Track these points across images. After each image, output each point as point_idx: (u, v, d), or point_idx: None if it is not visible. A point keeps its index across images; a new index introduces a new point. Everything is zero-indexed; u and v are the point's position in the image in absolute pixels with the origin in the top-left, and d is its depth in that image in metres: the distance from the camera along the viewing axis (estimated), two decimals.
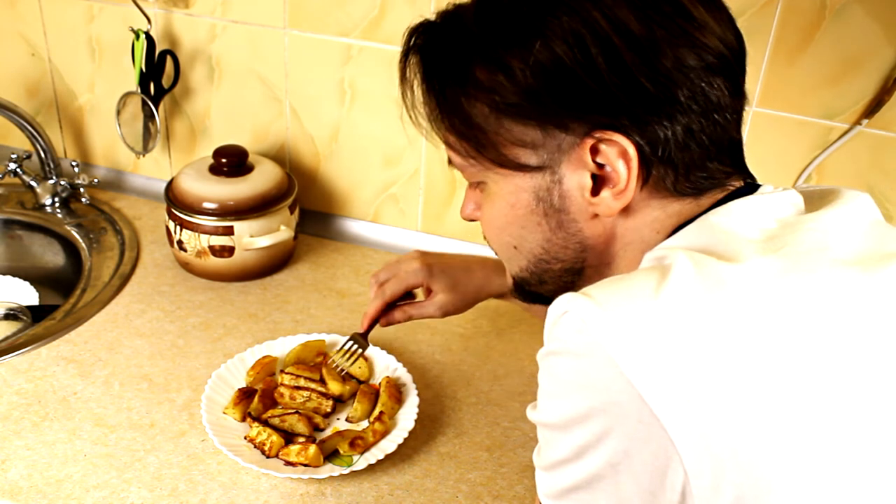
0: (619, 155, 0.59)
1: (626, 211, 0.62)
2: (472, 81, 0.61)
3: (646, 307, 0.52)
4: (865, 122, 1.04)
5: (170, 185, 1.24)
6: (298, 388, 0.99)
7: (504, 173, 0.64)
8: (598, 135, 0.59)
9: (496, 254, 0.73)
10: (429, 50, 0.65)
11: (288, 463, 0.90)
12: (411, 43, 0.66)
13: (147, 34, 1.25)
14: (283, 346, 1.07)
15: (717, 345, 0.51)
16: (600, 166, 0.61)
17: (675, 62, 0.57)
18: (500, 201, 0.66)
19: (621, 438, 0.52)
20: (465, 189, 0.75)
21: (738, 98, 0.62)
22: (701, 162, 0.61)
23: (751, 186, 0.64)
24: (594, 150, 0.60)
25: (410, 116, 0.68)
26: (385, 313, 0.99)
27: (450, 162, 0.69)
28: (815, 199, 0.64)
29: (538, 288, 0.71)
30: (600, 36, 0.57)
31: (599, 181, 0.61)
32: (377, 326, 1.00)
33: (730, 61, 0.60)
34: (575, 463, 0.55)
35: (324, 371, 1.01)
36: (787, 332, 0.52)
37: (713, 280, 0.53)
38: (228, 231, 1.19)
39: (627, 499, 0.54)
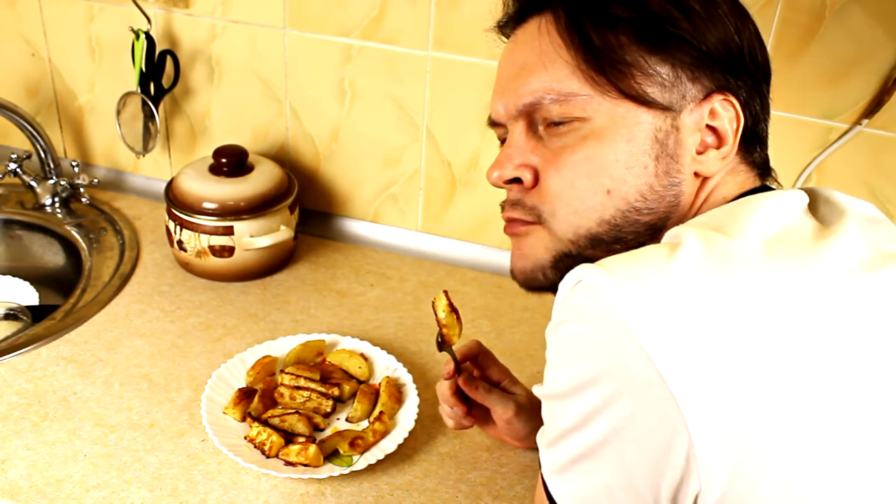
0: (732, 118, 0.65)
1: (712, 175, 0.67)
2: (623, 7, 0.64)
3: (658, 274, 0.53)
4: (865, 122, 1.04)
5: (170, 185, 1.24)
6: (298, 388, 0.99)
7: (627, 106, 0.64)
8: (723, 93, 0.65)
9: (561, 207, 0.66)
10: None
11: (288, 463, 0.90)
12: None
13: (147, 34, 1.26)
14: (283, 346, 1.07)
15: (726, 312, 0.52)
16: (708, 128, 0.66)
17: (765, 60, 0.69)
18: (613, 136, 0.64)
19: (628, 402, 0.53)
20: (506, 148, 0.69)
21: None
22: (764, 144, 0.70)
23: (766, 185, 0.71)
24: (711, 111, 0.65)
25: (536, 38, 0.67)
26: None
27: (521, 112, 0.67)
28: (817, 202, 0.66)
29: (604, 250, 0.65)
30: (744, 16, 0.67)
31: (702, 142, 0.66)
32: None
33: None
34: (581, 430, 0.55)
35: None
36: (794, 308, 0.53)
37: (723, 254, 0.55)
38: (228, 231, 1.19)
39: (632, 465, 0.54)
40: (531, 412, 0.90)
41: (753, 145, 0.68)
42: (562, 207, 0.66)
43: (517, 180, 0.69)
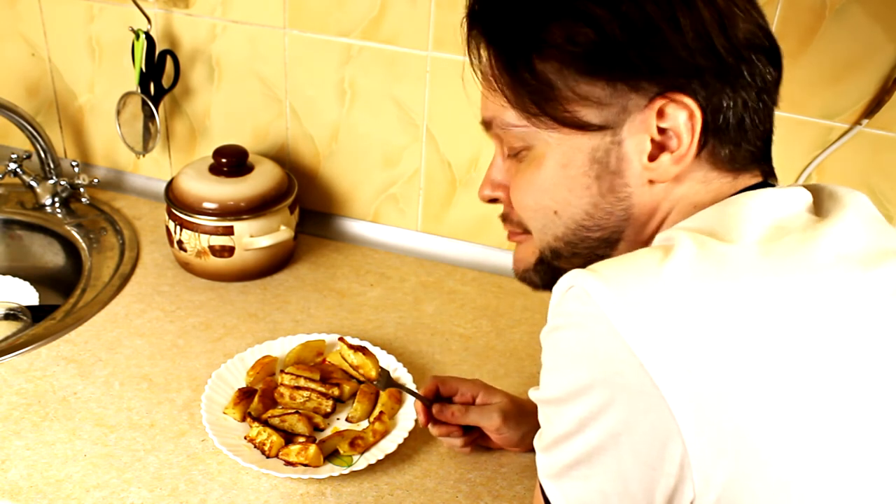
0: (686, 118, 0.61)
1: (675, 180, 0.64)
2: (547, 35, 0.62)
3: (650, 280, 0.53)
4: (865, 122, 1.04)
5: (170, 185, 1.24)
6: (298, 388, 0.99)
7: (562, 133, 0.64)
8: (669, 96, 0.60)
9: (527, 224, 0.70)
10: (500, 5, 0.65)
11: (288, 463, 0.90)
12: None
13: (147, 34, 1.25)
14: (283, 346, 1.07)
15: (719, 317, 0.52)
16: (660, 131, 0.62)
17: (745, 38, 0.62)
18: (551, 162, 0.65)
19: (622, 409, 0.52)
20: (489, 168, 0.73)
21: (777, 88, 0.66)
22: (751, 137, 0.64)
23: (766, 182, 0.66)
24: (660, 114, 0.61)
25: (475, 74, 0.69)
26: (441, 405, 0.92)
27: (488, 127, 0.69)
28: (821, 198, 0.65)
29: (567, 262, 0.69)
30: (687, 1, 0.60)
31: (656, 147, 0.63)
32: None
33: (778, 52, 0.65)
34: (576, 437, 0.55)
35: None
36: (788, 311, 0.53)
37: (715, 258, 0.54)
38: (228, 231, 1.19)
39: (627, 472, 0.54)
40: (518, 416, 0.91)
41: (729, 142, 0.63)
42: (527, 224, 0.70)
43: (499, 199, 0.74)
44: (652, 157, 0.63)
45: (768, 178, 0.67)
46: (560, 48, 0.61)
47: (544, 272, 0.72)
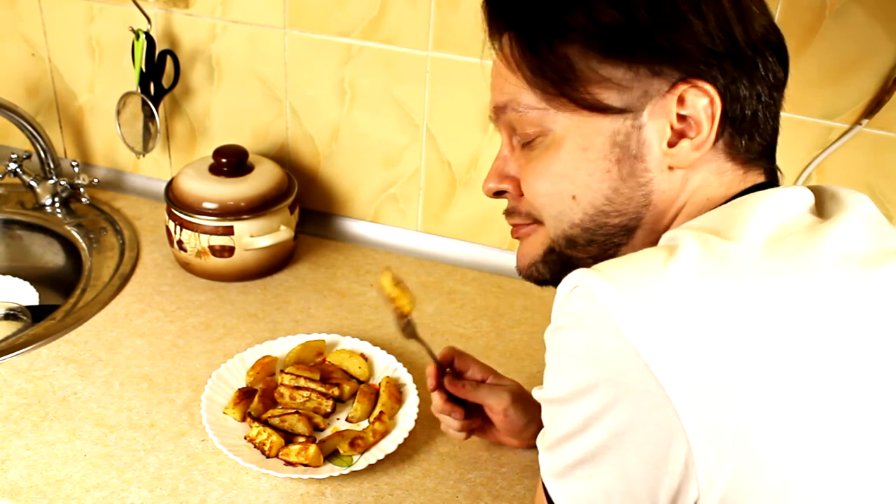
0: (706, 105, 0.62)
1: (692, 167, 0.64)
2: (570, 16, 0.62)
3: (654, 280, 0.53)
4: (865, 122, 1.04)
5: (170, 185, 1.24)
6: (298, 388, 0.99)
7: (582, 116, 0.64)
8: (690, 81, 0.61)
9: (540, 212, 0.69)
10: None
11: (288, 463, 0.90)
12: None
13: (147, 34, 1.26)
14: (283, 346, 1.07)
15: (724, 317, 0.52)
16: (680, 118, 0.62)
17: (761, 32, 0.63)
18: (570, 145, 0.65)
19: (627, 408, 0.53)
20: (494, 161, 0.73)
21: (783, 89, 0.68)
22: (762, 132, 0.65)
23: (771, 181, 0.67)
24: (680, 100, 0.62)
25: (494, 55, 0.69)
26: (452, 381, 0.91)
27: (501, 113, 0.69)
28: (823, 199, 0.65)
29: (582, 250, 0.68)
30: None
31: (675, 133, 0.63)
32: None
33: (786, 53, 0.67)
34: (580, 436, 0.56)
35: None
36: (790, 311, 0.53)
37: (719, 258, 0.55)
38: (228, 231, 1.19)
39: (631, 471, 0.54)
40: (526, 402, 0.91)
41: (743, 132, 0.64)
42: (541, 211, 0.69)
43: (506, 191, 0.73)
44: (671, 144, 0.63)
45: (773, 177, 0.68)
46: (584, 29, 0.62)
47: (553, 263, 0.71)
